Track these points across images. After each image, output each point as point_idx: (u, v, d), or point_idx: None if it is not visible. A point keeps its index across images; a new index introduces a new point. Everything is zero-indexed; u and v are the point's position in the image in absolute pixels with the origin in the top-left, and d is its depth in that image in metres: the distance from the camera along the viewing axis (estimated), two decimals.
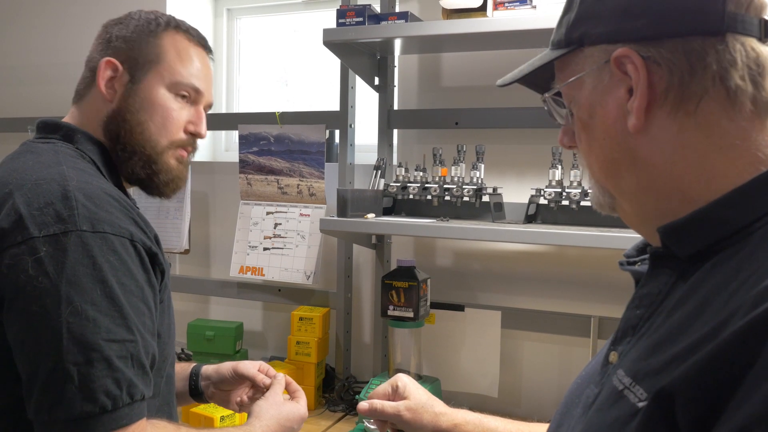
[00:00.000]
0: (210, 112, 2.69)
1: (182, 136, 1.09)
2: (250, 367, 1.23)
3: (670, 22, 0.58)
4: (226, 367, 1.25)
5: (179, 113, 1.08)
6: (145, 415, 0.90)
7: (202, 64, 1.12)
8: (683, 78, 0.58)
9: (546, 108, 0.73)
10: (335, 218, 1.77)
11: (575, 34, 0.65)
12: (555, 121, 0.73)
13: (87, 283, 0.85)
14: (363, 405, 1.04)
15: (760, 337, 0.47)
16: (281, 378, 1.21)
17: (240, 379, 1.23)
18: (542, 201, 1.69)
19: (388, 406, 1.02)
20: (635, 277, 0.69)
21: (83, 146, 1.04)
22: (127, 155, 1.05)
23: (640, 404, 0.54)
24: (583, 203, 1.64)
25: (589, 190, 1.43)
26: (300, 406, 1.16)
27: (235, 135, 2.47)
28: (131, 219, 0.94)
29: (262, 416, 1.11)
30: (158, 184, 1.09)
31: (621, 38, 0.61)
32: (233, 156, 2.44)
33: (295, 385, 1.22)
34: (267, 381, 1.20)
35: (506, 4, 1.58)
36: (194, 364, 1.29)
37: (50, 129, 1.06)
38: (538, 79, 0.72)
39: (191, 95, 1.10)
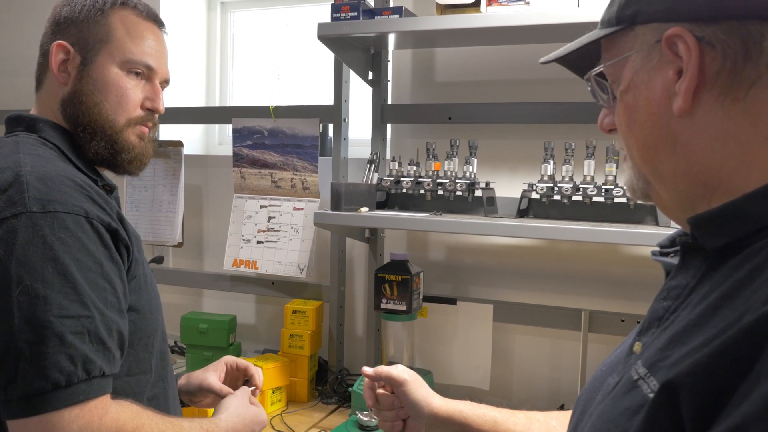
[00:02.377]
0: (204, 105, 2.71)
1: (140, 112, 1.10)
2: (215, 381, 1.24)
3: (729, 3, 0.57)
4: (195, 380, 1.25)
5: (134, 91, 1.09)
6: (107, 392, 0.90)
7: (154, 39, 1.12)
8: (737, 62, 0.57)
9: (589, 88, 0.71)
10: (329, 212, 1.78)
11: (627, 12, 0.63)
12: (598, 102, 0.71)
13: (37, 262, 0.85)
14: (367, 369, 1.06)
15: (764, 334, 0.47)
16: (245, 387, 1.23)
17: (207, 392, 1.24)
18: (534, 195, 1.70)
19: (394, 369, 1.05)
20: (666, 268, 0.68)
21: (46, 134, 1.05)
22: (89, 137, 1.06)
23: (652, 395, 0.53)
24: (574, 198, 1.65)
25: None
26: (263, 411, 1.19)
27: (228, 128, 2.48)
28: (88, 197, 0.94)
29: (230, 410, 1.14)
30: (123, 163, 1.10)
31: (675, 17, 0.59)
32: (226, 149, 2.44)
33: (256, 401, 1.24)
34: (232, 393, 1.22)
35: (500, 0, 1.59)
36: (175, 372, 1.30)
37: (14, 122, 1.08)
38: (582, 60, 0.71)
39: (144, 72, 1.10)
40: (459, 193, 1.75)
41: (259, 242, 2.12)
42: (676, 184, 0.63)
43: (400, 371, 1.05)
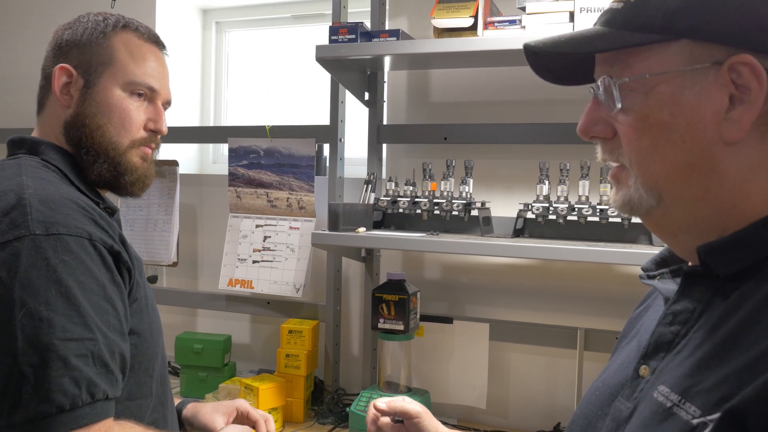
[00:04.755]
0: (199, 125, 2.71)
1: (143, 134, 1.11)
2: (220, 425, 1.23)
3: None
4: (202, 418, 1.25)
5: (137, 113, 1.10)
6: (111, 416, 0.89)
7: (156, 61, 1.13)
8: None
9: (600, 90, 0.66)
10: (327, 232, 1.78)
11: (679, 24, 0.60)
12: (607, 104, 0.65)
13: (41, 284, 0.85)
14: (380, 404, 1.05)
15: None
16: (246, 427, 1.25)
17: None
18: (530, 215, 1.72)
19: (407, 403, 1.04)
20: (665, 294, 0.69)
21: (48, 156, 1.05)
22: (92, 159, 1.07)
23: (695, 421, 0.54)
24: (569, 218, 1.67)
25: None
26: None
27: (222, 148, 2.48)
28: (91, 219, 0.94)
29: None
30: (126, 185, 1.11)
31: (743, 43, 0.58)
32: (220, 168, 2.45)
33: None
34: None
35: (496, 24, 1.61)
36: (180, 400, 1.30)
37: (17, 145, 1.08)
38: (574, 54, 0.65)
39: (147, 93, 1.11)
40: (455, 213, 1.76)
41: (254, 262, 2.12)
42: (697, 208, 0.62)
43: (412, 404, 1.05)
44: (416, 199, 1.82)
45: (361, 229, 1.79)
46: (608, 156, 0.67)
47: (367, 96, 2.01)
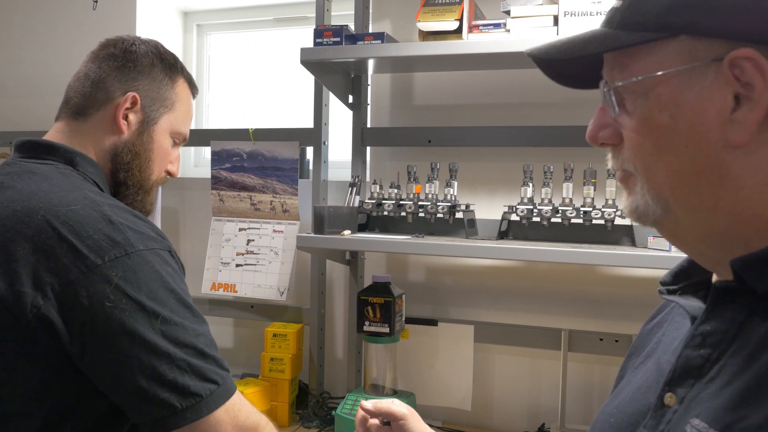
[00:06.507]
0: None
1: (163, 174, 1.20)
2: None
3: None
4: None
5: (170, 156, 1.20)
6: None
7: (192, 115, 1.25)
8: None
9: (605, 98, 0.62)
10: (312, 235, 1.78)
11: (675, 20, 0.54)
12: (611, 113, 0.62)
13: (162, 294, 0.95)
14: (366, 404, 1.04)
15: None
16: None
17: None
18: (514, 217, 1.73)
19: (393, 404, 1.02)
20: (692, 313, 0.62)
21: (84, 169, 1.08)
22: (131, 188, 1.14)
23: None
24: (553, 220, 1.69)
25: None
26: None
27: (204, 151, 2.46)
28: (158, 232, 1.02)
29: None
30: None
31: (745, 36, 0.52)
32: (202, 172, 2.43)
33: None
34: None
35: (481, 28, 1.62)
36: None
37: (45, 150, 1.08)
38: (569, 55, 0.61)
39: (180, 142, 1.22)
40: (440, 215, 1.77)
41: (238, 265, 2.11)
42: (711, 218, 0.57)
43: (398, 406, 1.02)
44: (401, 202, 1.82)
45: (347, 232, 1.79)
46: (615, 163, 0.63)
47: (351, 99, 2.00)
